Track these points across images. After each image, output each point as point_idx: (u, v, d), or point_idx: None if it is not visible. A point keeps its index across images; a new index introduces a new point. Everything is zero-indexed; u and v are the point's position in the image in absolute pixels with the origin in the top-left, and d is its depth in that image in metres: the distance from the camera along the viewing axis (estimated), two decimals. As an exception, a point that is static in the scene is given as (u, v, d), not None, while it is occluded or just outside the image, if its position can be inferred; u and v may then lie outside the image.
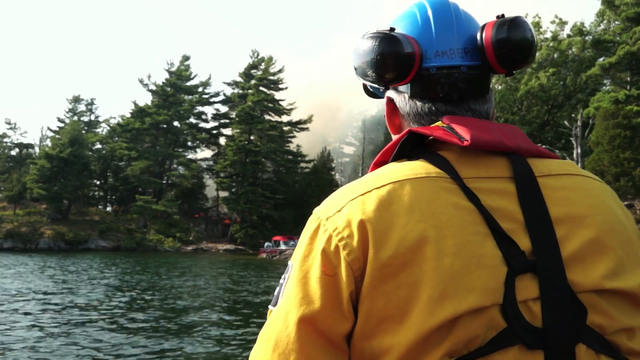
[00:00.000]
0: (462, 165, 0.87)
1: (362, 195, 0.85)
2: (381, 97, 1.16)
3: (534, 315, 0.77)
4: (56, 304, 13.47)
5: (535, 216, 0.82)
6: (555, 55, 44.43)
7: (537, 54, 42.02)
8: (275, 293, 0.90)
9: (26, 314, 11.67)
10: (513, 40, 0.95)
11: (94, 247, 55.74)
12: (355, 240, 0.80)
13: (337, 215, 0.85)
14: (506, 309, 0.76)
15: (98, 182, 71.19)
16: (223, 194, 66.18)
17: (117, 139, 68.81)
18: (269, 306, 0.90)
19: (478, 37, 0.97)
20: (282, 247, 50.76)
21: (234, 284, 21.42)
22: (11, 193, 63.27)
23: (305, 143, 72.68)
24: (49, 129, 78.48)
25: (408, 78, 0.97)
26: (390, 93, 1.04)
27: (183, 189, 67.28)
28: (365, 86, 1.17)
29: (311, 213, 0.90)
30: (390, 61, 0.96)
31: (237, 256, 50.90)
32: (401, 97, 1.02)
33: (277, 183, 64.89)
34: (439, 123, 0.94)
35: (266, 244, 53.66)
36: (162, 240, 58.24)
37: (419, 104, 0.99)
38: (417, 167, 0.87)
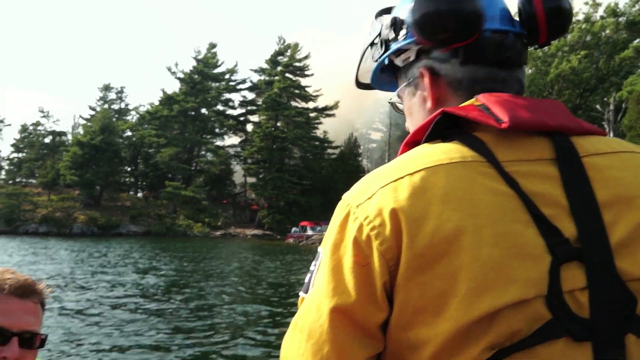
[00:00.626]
0: (499, 148, 0.82)
1: (393, 182, 0.81)
2: (377, 88, 1.13)
3: (580, 306, 0.73)
4: (91, 287, 13.95)
5: (580, 200, 0.78)
6: (588, 38, 43.29)
7: (569, 36, 41.17)
8: (306, 280, 0.87)
9: (63, 297, 12.15)
10: (562, 9, 0.93)
11: (125, 232, 57.07)
12: (388, 230, 0.77)
13: (368, 203, 0.81)
14: (551, 300, 0.73)
15: (129, 169, 72.61)
16: (250, 180, 66.82)
17: (146, 126, 69.95)
18: (300, 293, 0.88)
19: (523, 4, 0.94)
20: (309, 232, 51.12)
21: (262, 268, 21.76)
22: (45, 179, 65.08)
23: (331, 129, 72.60)
24: (81, 116, 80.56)
25: (473, 37, 0.91)
26: (430, 62, 0.96)
27: (211, 175, 68.18)
28: (357, 80, 1.14)
29: (339, 199, 0.87)
30: (463, 16, 0.90)
31: (264, 241, 51.49)
32: (448, 64, 0.94)
33: (304, 169, 65.17)
34: (472, 101, 0.89)
35: (293, 229, 54.10)
36: (191, 226, 59.25)
37: (474, 69, 0.93)
38: (452, 151, 0.82)
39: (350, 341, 0.78)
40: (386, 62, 1.04)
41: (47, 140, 74.68)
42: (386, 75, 1.11)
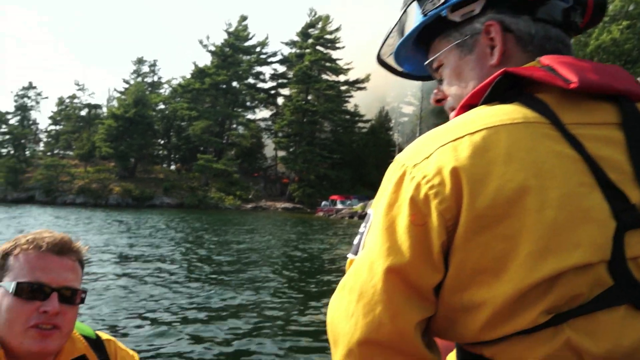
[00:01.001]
0: (563, 110, 0.80)
1: (453, 141, 0.79)
2: (397, 63, 1.10)
3: None
4: (127, 256, 14.34)
5: None
6: (631, 7, 41.55)
7: (610, 6, 39.60)
8: (355, 242, 0.86)
9: (103, 267, 12.53)
10: (605, 6, 0.94)
11: (158, 204, 58.26)
12: (448, 189, 0.75)
13: (426, 163, 0.79)
14: (614, 266, 0.71)
15: (162, 142, 73.67)
16: (281, 153, 67.06)
17: (178, 99, 70.61)
18: (348, 255, 0.86)
19: None
20: (339, 206, 51.22)
21: (294, 240, 21.99)
22: (82, 151, 66.69)
23: (363, 103, 72.00)
24: (115, 89, 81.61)
25: None
26: (499, 16, 0.92)
27: (242, 149, 68.71)
28: (379, 56, 1.11)
29: (369, 173, 0.88)
30: None
31: (295, 214, 51.85)
32: (520, 19, 0.91)
33: (335, 143, 65.02)
34: (534, 63, 0.87)
35: (323, 202, 54.26)
36: (222, 198, 60.08)
37: (546, 27, 0.91)
38: (513, 112, 0.80)
39: (404, 302, 0.77)
40: (443, 13, 0.97)
41: (83, 113, 76.20)
42: (413, 49, 1.07)
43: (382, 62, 1.14)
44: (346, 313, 0.80)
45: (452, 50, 0.98)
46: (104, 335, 1.37)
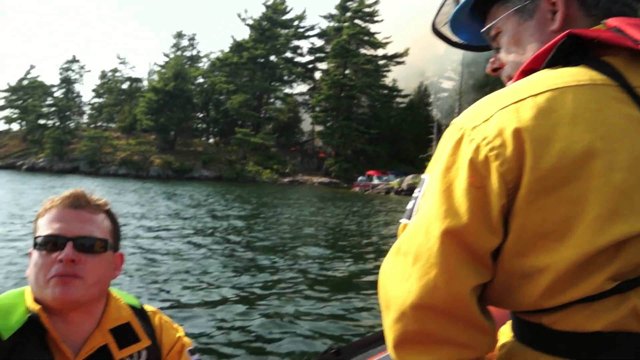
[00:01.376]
0: (631, 73, 0.77)
1: (515, 103, 0.77)
2: (453, 32, 1.07)
3: None
4: (167, 227, 14.70)
5: None
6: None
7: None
8: (409, 207, 0.84)
9: (140, 236, 12.86)
10: None
11: (197, 176, 59.32)
12: (509, 150, 0.73)
13: (485, 125, 0.77)
14: None
15: (200, 115, 74.58)
16: (318, 128, 67.00)
17: (217, 73, 71.15)
18: (401, 220, 0.85)
19: None
20: (375, 181, 51.02)
21: (329, 214, 22.07)
22: (124, 124, 68.29)
23: (401, 77, 70.88)
24: (155, 63, 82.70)
25: None
26: None
27: (280, 123, 68.95)
28: (434, 25, 1.08)
29: (407, 149, 0.86)
30: None
31: (331, 189, 51.96)
32: None
33: (372, 118, 64.50)
34: (600, 26, 0.84)
35: (359, 178, 54.13)
36: (260, 172, 60.68)
37: None
38: (579, 74, 0.77)
39: (460, 266, 0.75)
40: None
41: (125, 86, 77.71)
42: (469, 18, 1.05)
43: (436, 31, 1.11)
44: (399, 276, 0.79)
45: (511, 16, 0.95)
46: (149, 307, 1.40)
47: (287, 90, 72.98)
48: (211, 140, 74.80)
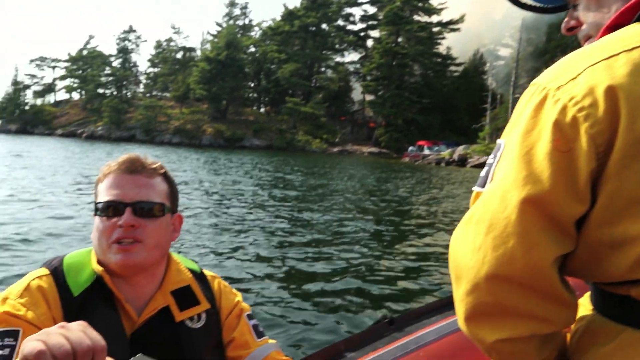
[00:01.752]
0: None
1: (606, 59, 0.71)
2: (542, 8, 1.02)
3: None
4: (219, 194, 15.02)
5: None
6: None
7: None
8: (482, 174, 0.80)
9: (194, 203, 13.19)
10: None
11: (248, 145, 60.16)
12: (601, 110, 0.68)
13: (573, 84, 0.72)
14: None
15: (252, 84, 75.13)
16: (369, 97, 66.33)
17: (268, 42, 71.19)
18: (474, 188, 0.81)
19: None
20: (426, 152, 50.32)
21: (379, 184, 21.99)
22: (177, 93, 69.70)
23: (456, 45, 68.83)
24: (208, 32, 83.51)
25: None
26: None
27: (330, 92, 68.63)
28: None
29: (460, 118, 0.82)
30: None
31: (380, 159, 51.63)
32: None
33: (424, 87, 63.18)
34: None
35: (410, 148, 53.50)
36: (309, 141, 60.91)
37: None
38: None
39: (540, 235, 0.71)
40: None
41: (179, 55, 78.98)
42: None
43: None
44: (472, 246, 0.75)
45: None
46: (208, 272, 1.41)
47: (338, 59, 72.46)
48: (262, 110, 75.41)
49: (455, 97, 62.54)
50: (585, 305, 0.84)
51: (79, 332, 0.77)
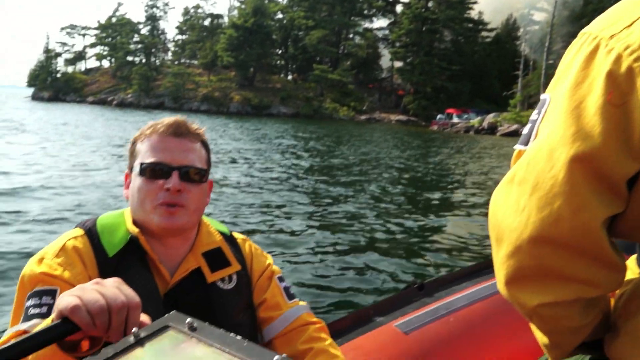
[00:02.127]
0: None
1: None
2: None
3: None
4: (248, 162, 15.15)
5: None
6: None
7: None
8: (526, 131, 0.76)
9: (224, 172, 13.33)
10: None
11: (275, 113, 60.09)
12: None
13: (628, 31, 0.66)
14: None
15: (279, 51, 74.55)
16: (398, 64, 65.20)
17: (295, 8, 70.23)
18: (516, 146, 0.77)
19: None
20: (455, 120, 49.56)
21: (407, 153, 21.84)
22: (205, 60, 69.64)
23: (488, 9, 66.95)
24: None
25: None
26: None
27: (358, 59, 67.71)
28: None
29: (491, 85, 0.77)
30: None
31: (408, 127, 51.09)
32: None
33: (455, 53, 61.68)
34: None
35: (438, 116, 52.72)
36: (337, 109, 60.49)
37: None
38: None
39: (590, 195, 0.66)
40: None
41: (206, 22, 78.66)
42: None
43: None
44: (515, 207, 0.71)
45: None
46: (238, 235, 1.44)
47: (367, 25, 71.19)
48: (289, 77, 74.98)
49: (486, 64, 61.01)
50: (632, 269, 0.81)
51: (114, 288, 0.77)
